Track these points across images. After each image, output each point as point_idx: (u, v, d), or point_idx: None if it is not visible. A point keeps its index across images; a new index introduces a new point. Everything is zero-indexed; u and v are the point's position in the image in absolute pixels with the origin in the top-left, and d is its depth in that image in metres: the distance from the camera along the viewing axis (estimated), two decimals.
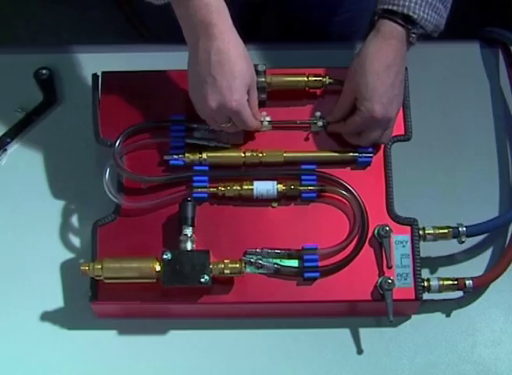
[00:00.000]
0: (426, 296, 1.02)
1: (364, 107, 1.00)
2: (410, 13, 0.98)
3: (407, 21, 0.99)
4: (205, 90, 0.96)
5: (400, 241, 1.02)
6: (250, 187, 1.03)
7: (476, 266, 1.07)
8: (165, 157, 1.05)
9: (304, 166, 1.05)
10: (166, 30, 1.07)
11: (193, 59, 0.97)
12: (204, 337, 1.03)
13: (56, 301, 1.05)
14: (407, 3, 0.98)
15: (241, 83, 0.96)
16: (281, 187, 1.03)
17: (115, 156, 1.02)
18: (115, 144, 1.03)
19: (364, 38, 1.02)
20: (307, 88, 1.08)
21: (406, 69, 1.05)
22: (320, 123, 1.06)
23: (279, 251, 1.01)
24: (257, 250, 1.01)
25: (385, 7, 0.99)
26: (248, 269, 1.00)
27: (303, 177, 1.04)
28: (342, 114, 1.05)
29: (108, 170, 1.03)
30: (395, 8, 0.98)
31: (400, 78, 1.02)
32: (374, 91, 0.99)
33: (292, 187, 1.04)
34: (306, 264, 1.01)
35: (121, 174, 1.04)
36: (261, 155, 1.05)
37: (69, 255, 1.07)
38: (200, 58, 0.95)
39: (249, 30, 1.20)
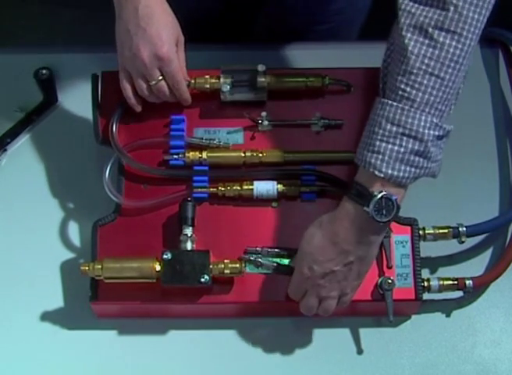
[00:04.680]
0: (426, 296, 1.02)
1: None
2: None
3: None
4: (136, 41, 0.98)
5: (399, 241, 1.02)
6: (250, 187, 1.03)
7: (476, 266, 1.07)
8: (165, 157, 1.05)
9: (304, 166, 1.05)
10: None
11: (121, 20, 1.00)
12: (204, 337, 1.03)
13: (56, 301, 1.05)
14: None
15: (169, 34, 0.99)
16: (281, 187, 1.03)
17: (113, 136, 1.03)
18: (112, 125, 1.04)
19: None
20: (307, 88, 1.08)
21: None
22: (320, 123, 1.06)
23: (278, 250, 1.01)
24: (257, 249, 1.01)
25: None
26: (248, 269, 1.00)
27: (303, 177, 1.04)
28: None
29: (108, 170, 1.03)
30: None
31: (350, 259, 0.92)
32: (304, 252, 0.94)
33: (292, 187, 1.04)
34: None
35: (121, 158, 1.04)
36: (261, 155, 1.05)
37: (69, 255, 1.07)
38: (129, 15, 0.99)
39: (236, 31, 1.19)
